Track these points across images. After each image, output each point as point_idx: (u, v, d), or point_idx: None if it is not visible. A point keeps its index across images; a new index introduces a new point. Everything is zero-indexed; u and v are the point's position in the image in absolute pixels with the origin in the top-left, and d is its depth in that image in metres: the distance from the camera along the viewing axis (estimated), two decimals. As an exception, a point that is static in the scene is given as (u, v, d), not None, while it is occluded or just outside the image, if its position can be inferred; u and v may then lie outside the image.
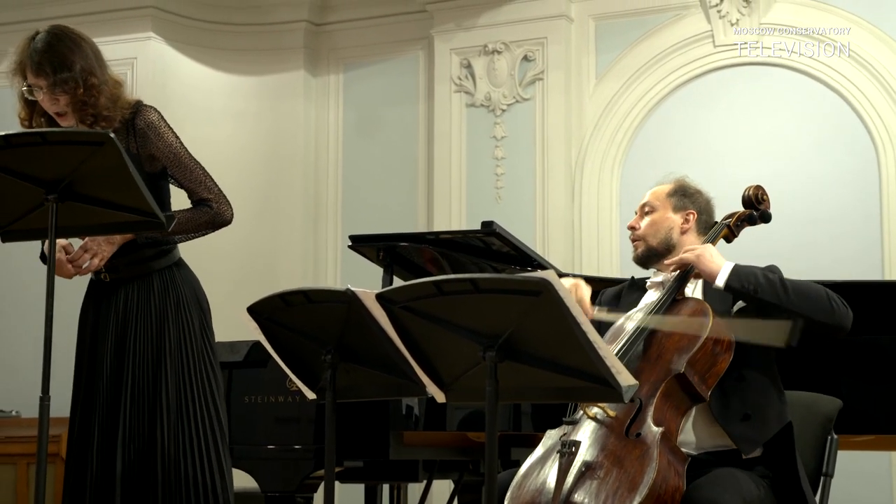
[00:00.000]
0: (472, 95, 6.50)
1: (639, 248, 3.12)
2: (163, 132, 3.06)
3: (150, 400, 3.01)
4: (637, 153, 6.30)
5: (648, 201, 3.15)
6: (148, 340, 3.05)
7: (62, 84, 2.99)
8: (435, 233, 4.48)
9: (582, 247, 6.28)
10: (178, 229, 3.03)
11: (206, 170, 3.10)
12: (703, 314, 2.85)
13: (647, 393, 2.77)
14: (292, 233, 6.83)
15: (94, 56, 3.05)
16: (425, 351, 2.31)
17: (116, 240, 3.01)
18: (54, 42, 3.03)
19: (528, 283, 2.10)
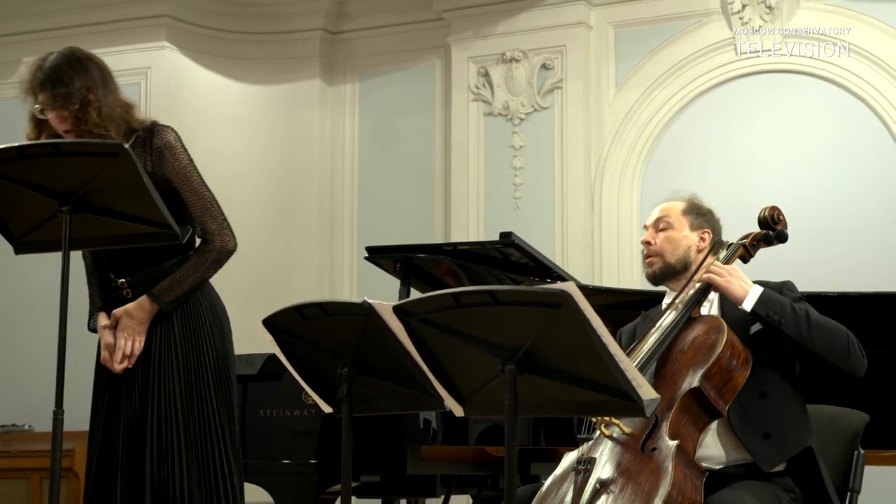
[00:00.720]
0: (489, 104, 6.50)
1: (655, 264, 3.10)
2: (178, 153, 3.09)
3: (166, 437, 3.02)
4: (658, 162, 6.29)
5: (663, 217, 3.13)
6: (171, 363, 3.05)
7: (60, 99, 3.02)
8: (453, 244, 4.48)
9: (602, 258, 6.26)
10: (191, 280, 3.05)
11: (214, 197, 3.11)
12: (718, 330, 2.85)
13: (662, 408, 2.77)
14: (308, 244, 6.85)
15: (100, 76, 3.08)
16: (443, 364, 2.31)
17: (144, 318, 3.04)
18: (60, 61, 3.07)
19: (547, 295, 2.10)
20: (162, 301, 3.04)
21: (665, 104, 6.28)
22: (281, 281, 6.74)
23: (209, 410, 3.04)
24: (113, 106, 3.08)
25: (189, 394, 3.03)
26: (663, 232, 3.12)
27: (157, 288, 3.04)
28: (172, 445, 2.99)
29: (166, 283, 3.04)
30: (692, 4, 6.24)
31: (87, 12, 6.78)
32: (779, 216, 3.15)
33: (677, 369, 2.83)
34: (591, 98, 6.36)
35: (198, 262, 3.08)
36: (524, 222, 6.18)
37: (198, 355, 3.07)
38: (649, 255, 3.12)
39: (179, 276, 3.05)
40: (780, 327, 2.85)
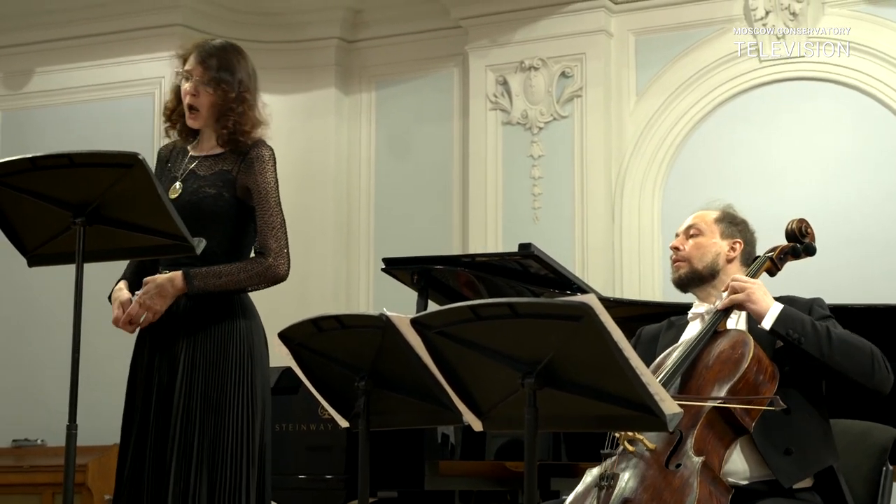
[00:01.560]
0: (508, 113, 6.51)
1: (681, 269, 3.11)
2: (266, 169, 3.13)
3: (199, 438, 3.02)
4: (679, 172, 6.28)
5: (694, 224, 3.14)
6: (200, 378, 3.05)
7: (217, 82, 3.12)
8: (471, 255, 4.49)
9: (622, 269, 6.25)
10: (228, 279, 3.05)
11: (284, 222, 3.14)
12: (744, 344, 2.84)
13: (687, 424, 2.76)
14: (323, 255, 6.86)
15: (254, 81, 3.22)
16: (462, 377, 2.31)
17: (169, 292, 3.03)
18: (229, 48, 3.21)
19: (568, 308, 2.10)
20: (192, 282, 3.01)
21: (687, 113, 6.27)
22: (296, 293, 6.74)
23: (230, 428, 3.03)
24: (257, 115, 3.19)
25: (211, 409, 3.03)
26: (693, 238, 3.12)
27: (195, 270, 3.03)
28: (192, 459, 3.00)
29: (205, 270, 3.04)
30: (714, 11, 6.24)
31: (100, 22, 6.83)
32: (807, 228, 3.14)
33: (702, 384, 2.82)
34: (612, 107, 6.35)
35: (243, 266, 3.08)
36: (543, 233, 6.18)
37: (224, 375, 3.05)
38: (677, 261, 3.13)
39: (219, 269, 3.05)
40: (800, 345, 2.84)
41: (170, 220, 2.80)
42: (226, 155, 3.15)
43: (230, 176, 3.11)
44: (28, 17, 6.93)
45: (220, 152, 3.17)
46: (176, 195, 3.08)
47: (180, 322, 3.07)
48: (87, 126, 6.81)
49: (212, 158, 3.16)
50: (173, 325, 3.07)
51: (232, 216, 3.11)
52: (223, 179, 3.12)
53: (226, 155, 3.15)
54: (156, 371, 3.07)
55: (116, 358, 3.30)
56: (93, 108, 6.86)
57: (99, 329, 3.22)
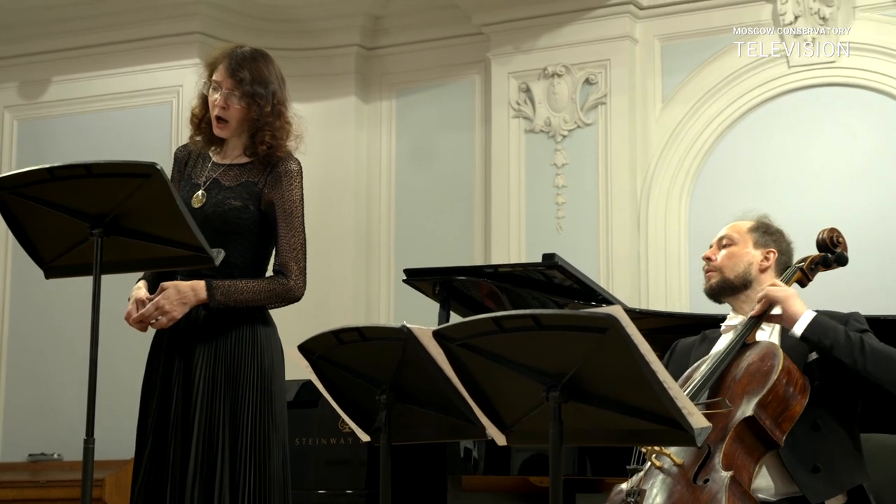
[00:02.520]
0: (531, 121, 6.51)
1: (713, 278, 3.11)
2: (294, 185, 3.15)
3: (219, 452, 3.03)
4: (706, 180, 6.26)
5: (727, 234, 3.15)
6: (220, 392, 3.06)
7: (250, 97, 3.11)
8: (493, 266, 4.49)
9: (649, 280, 6.24)
10: (250, 296, 3.07)
11: (305, 243, 3.16)
12: (773, 356, 2.84)
13: (715, 438, 2.75)
14: (343, 267, 6.87)
15: (285, 91, 3.21)
16: (485, 391, 2.31)
17: (190, 300, 3.04)
18: (259, 58, 3.18)
19: (593, 320, 2.10)
20: (213, 296, 3.03)
21: (714, 120, 6.26)
22: (316, 305, 6.75)
23: (251, 443, 3.04)
24: (291, 123, 3.20)
25: (232, 424, 3.04)
26: (726, 248, 3.13)
27: (218, 282, 3.04)
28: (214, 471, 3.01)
29: (227, 283, 3.05)
30: (742, 16, 6.22)
31: (117, 30, 6.87)
32: (838, 238, 3.13)
33: (731, 397, 2.81)
34: (637, 114, 6.34)
35: (265, 286, 3.10)
36: (567, 243, 6.17)
37: (245, 389, 3.06)
38: (709, 271, 3.13)
39: (242, 285, 3.07)
40: (832, 353, 2.83)
41: (188, 230, 2.81)
42: (252, 165, 3.15)
43: (256, 189, 3.11)
44: (45, 26, 6.98)
45: (245, 161, 3.17)
46: (200, 204, 3.09)
47: (199, 331, 3.08)
48: (104, 136, 6.85)
49: (237, 168, 3.16)
50: (191, 333, 3.08)
51: (255, 230, 3.12)
52: (249, 192, 3.12)
53: (252, 165, 3.15)
54: (174, 380, 3.07)
55: (134, 371, 3.31)
56: (110, 117, 6.90)
57: (116, 342, 3.24)
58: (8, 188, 2.85)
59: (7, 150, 7.10)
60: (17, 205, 2.86)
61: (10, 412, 6.87)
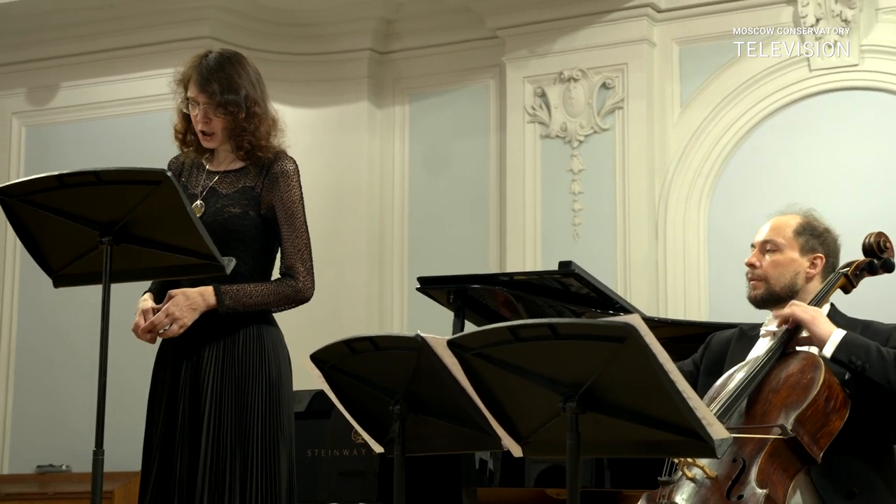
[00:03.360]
0: (546, 126, 6.51)
1: (758, 288, 3.04)
2: (292, 185, 3.16)
3: (230, 463, 3.04)
4: (726, 186, 6.25)
5: (771, 239, 3.06)
6: (226, 401, 3.06)
7: (224, 106, 3.11)
8: (509, 274, 4.50)
9: (667, 288, 6.23)
10: (259, 300, 3.08)
11: (310, 242, 3.17)
12: (815, 368, 2.78)
13: (751, 452, 2.71)
14: (356, 275, 6.87)
15: (259, 87, 3.19)
16: (500, 401, 2.31)
17: (199, 306, 3.05)
18: (225, 63, 3.16)
19: (611, 329, 2.10)
20: (222, 301, 3.04)
21: (733, 124, 6.25)
22: (328, 313, 6.76)
23: (260, 453, 3.05)
24: (271, 121, 3.18)
25: (241, 434, 3.05)
26: (770, 254, 3.05)
27: (226, 287, 3.05)
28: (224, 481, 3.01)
29: (235, 288, 3.06)
30: (762, 18, 6.22)
31: (126, 35, 6.90)
32: (885, 243, 3.06)
33: (768, 409, 2.77)
34: (655, 119, 6.34)
35: (273, 288, 3.11)
36: (584, 250, 6.17)
37: (250, 393, 3.07)
38: (753, 279, 3.06)
39: (250, 288, 3.08)
40: (864, 373, 2.78)
41: (199, 238, 2.82)
42: (247, 169, 3.17)
43: (254, 193, 3.13)
44: (53, 32, 7.01)
45: (240, 167, 3.18)
46: (199, 214, 3.10)
47: (204, 338, 3.09)
48: (113, 142, 6.87)
49: (232, 174, 3.17)
50: (196, 341, 3.09)
51: (257, 235, 3.13)
52: (247, 197, 3.13)
53: (247, 169, 3.17)
54: (181, 390, 3.08)
55: (143, 381, 3.31)
56: (119, 123, 6.93)
57: (125, 351, 3.25)
58: (16, 196, 2.86)
59: (15, 156, 7.13)
60: (25, 213, 2.87)
61: (17, 423, 6.89)
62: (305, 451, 3.91)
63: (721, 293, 6.01)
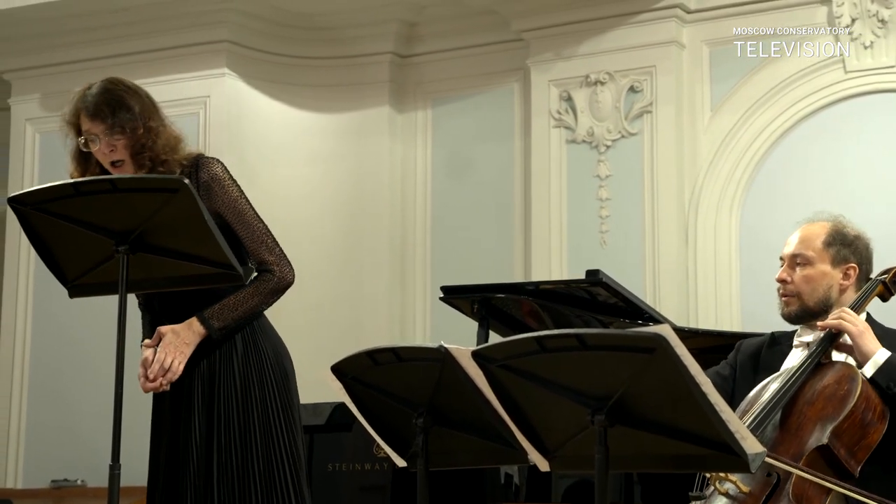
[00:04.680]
0: (572, 131, 6.51)
1: (791, 305, 3.02)
2: (227, 185, 3.15)
3: (239, 469, 3.05)
4: (758, 192, 6.23)
5: (801, 252, 3.04)
6: (233, 407, 3.09)
7: (121, 125, 3.11)
8: (535, 283, 4.49)
9: (698, 297, 6.21)
10: (245, 307, 3.08)
11: (268, 228, 3.17)
12: (851, 379, 2.77)
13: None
14: (377, 284, 6.88)
15: (150, 103, 3.20)
16: (526, 414, 2.31)
17: (191, 339, 3.06)
18: (110, 87, 3.17)
19: (640, 339, 2.09)
20: (211, 325, 3.06)
21: (766, 128, 6.23)
22: (349, 324, 6.78)
23: (274, 460, 3.07)
24: (169, 134, 3.17)
25: (252, 440, 3.06)
26: (801, 268, 3.02)
27: (209, 311, 3.07)
28: (249, 475, 3.03)
29: (217, 307, 3.08)
30: (795, 19, 6.20)
31: (142, 39, 6.93)
32: None
33: (803, 422, 2.75)
34: (684, 123, 6.33)
35: (254, 290, 3.12)
36: (611, 258, 6.16)
37: (262, 403, 3.10)
38: (786, 295, 3.04)
39: (232, 301, 3.09)
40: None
41: (217, 246, 2.83)
42: None
43: None
44: (67, 36, 7.05)
45: None
46: None
47: (200, 351, 3.10)
48: (128, 149, 6.91)
49: None
50: (193, 359, 3.10)
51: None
52: None
53: None
54: (184, 405, 3.10)
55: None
56: (135, 129, 6.96)
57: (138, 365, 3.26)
58: (31, 204, 2.89)
59: (29, 163, 7.18)
60: (40, 221, 2.89)
61: (31, 436, 6.93)
62: (326, 465, 3.91)
63: (754, 302, 5.99)
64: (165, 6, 6.82)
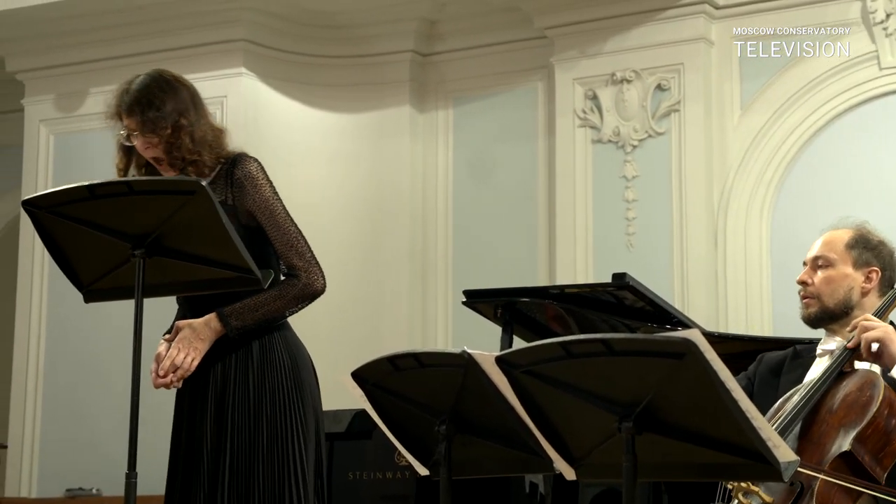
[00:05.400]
0: (598, 130, 6.50)
1: (811, 307, 3.04)
2: (260, 185, 3.15)
3: (244, 477, 3.07)
4: (790, 193, 6.21)
5: (823, 254, 3.06)
6: (244, 415, 3.10)
7: (150, 124, 3.12)
8: (559, 286, 4.50)
9: (727, 301, 6.20)
10: (267, 310, 3.09)
11: (301, 232, 3.17)
12: (873, 385, 2.78)
13: (809, 475, 2.70)
14: (398, 288, 6.89)
15: (190, 99, 3.20)
16: (552, 421, 2.31)
17: (207, 335, 3.08)
18: (149, 82, 3.19)
19: (669, 344, 2.09)
20: (229, 323, 3.07)
21: (798, 127, 6.21)
22: (368, 329, 6.79)
23: (279, 470, 3.08)
24: (205, 130, 3.18)
25: (259, 451, 3.07)
26: (822, 270, 3.05)
27: (229, 308, 3.08)
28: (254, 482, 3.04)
29: (238, 306, 3.08)
30: (827, 15, 6.18)
31: (157, 38, 6.96)
32: None
33: (826, 430, 2.76)
34: (713, 122, 6.32)
35: (278, 293, 3.12)
36: (638, 261, 6.15)
37: (272, 414, 3.10)
38: (806, 297, 3.06)
39: (254, 302, 3.10)
40: None
41: (235, 250, 2.84)
42: (212, 184, 3.16)
43: (228, 206, 3.12)
44: (81, 35, 7.09)
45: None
46: None
47: (219, 356, 3.11)
48: (144, 150, 6.94)
49: None
50: (211, 359, 3.11)
51: (249, 247, 3.12)
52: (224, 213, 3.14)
53: (212, 184, 3.16)
54: (200, 411, 3.12)
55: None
56: (150, 130, 6.99)
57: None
58: (45, 207, 2.90)
59: (43, 166, 7.22)
60: (55, 225, 2.91)
61: (46, 444, 6.96)
62: (346, 474, 3.92)
63: (785, 306, 5.96)
64: (181, 4, 6.85)
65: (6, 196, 8.04)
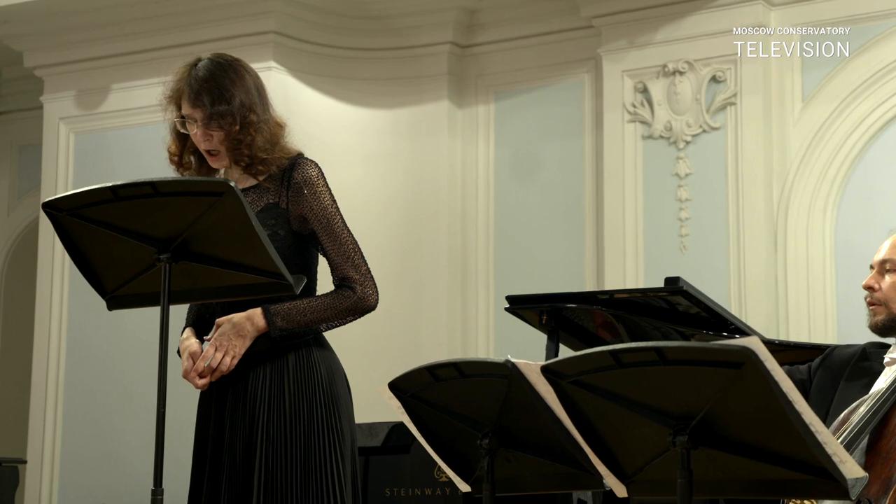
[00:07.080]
0: (649, 125, 6.49)
1: (878, 314, 3.04)
2: (319, 191, 3.17)
3: (280, 493, 3.08)
4: (855, 190, 6.18)
5: (891, 258, 3.07)
6: (281, 428, 3.11)
7: (218, 118, 3.13)
8: (608, 292, 4.48)
9: (788, 307, 6.17)
10: (315, 317, 3.10)
11: (358, 244, 3.18)
12: None
13: (876, 493, 2.70)
14: (437, 294, 6.91)
15: (256, 91, 3.21)
16: (602, 435, 2.31)
17: (249, 332, 3.08)
18: (217, 71, 3.20)
19: (726, 353, 2.09)
20: (274, 322, 3.06)
21: (863, 121, 6.18)
22: (406, 337, 6.81)
23: (326, 487, 3.09)
24: (272, 126, 3.20)
25: (294, 467, 3.09)
26: (890, 274, 3.05)
27: (276, 306, 3.07)
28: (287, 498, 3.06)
29: (287, 305, 3.08)
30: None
31: (182, 31, 7.01)
32: None
33: (893, 446, 2.76)
34: (772, 115, 6.29)
35: (330, 302, 3.13)
36: (692, 265, 6.14)
37: (308, 428, 3.11)
38: (872, 303, 3.06)
39: (303, 305, 3.10)
40: None
41: (266, 254, 2.85)
42: (265, 185, 3.16)
43: (280, 209, 3.13)
44: (103, 29, 7.15)
45: (255, 183, 3.18)
46: None
47: (251, 366, 3.11)
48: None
49: (251, 192, 3.17)
50: (243, 369, 3.11)
51: (291, 256, 3.13)
52: (273, 216, 3.14)
53: (265, 185, 3.16)
54: (227, 424, 3.12)
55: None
56: (175, 128, 7.04)
57: (183, 383, 3.28)
58: (66, 210, 2.92)
59: (63, 166, 7.28)
60: (76, 228, 2.93)
61: (68, 460, 7.02)
62: (383, 490, 3.93)
63: (851, 312, 5.93)
64: (207, -4, 6.90)
65: (25, 198, 8.12)
